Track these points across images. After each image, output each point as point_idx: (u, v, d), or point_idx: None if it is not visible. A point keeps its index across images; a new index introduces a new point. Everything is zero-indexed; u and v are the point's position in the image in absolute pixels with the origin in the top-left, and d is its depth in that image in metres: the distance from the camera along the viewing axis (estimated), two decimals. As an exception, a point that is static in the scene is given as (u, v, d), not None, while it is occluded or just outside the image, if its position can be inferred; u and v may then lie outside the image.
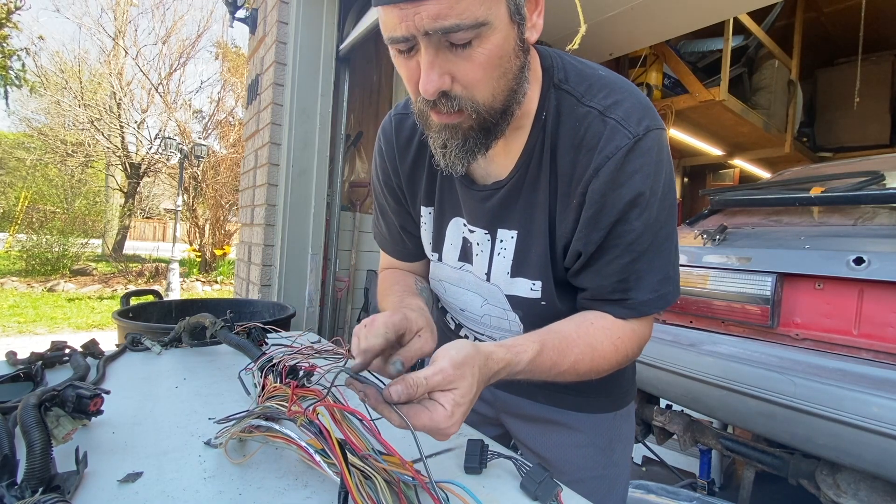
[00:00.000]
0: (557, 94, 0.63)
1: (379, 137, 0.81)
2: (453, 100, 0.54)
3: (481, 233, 0.71)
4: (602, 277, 0.64)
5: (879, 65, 4.62)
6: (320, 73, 2.62)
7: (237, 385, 0.79)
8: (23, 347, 0.88)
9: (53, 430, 0.52)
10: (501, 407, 0.87)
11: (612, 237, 0.61)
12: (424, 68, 0.52)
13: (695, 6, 2.37)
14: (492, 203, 0.68)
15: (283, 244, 2.57)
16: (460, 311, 0.82)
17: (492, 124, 0.58)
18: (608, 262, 0.63)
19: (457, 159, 0.59)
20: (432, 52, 0.51)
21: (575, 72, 0.64)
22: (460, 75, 0.53)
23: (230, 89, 12.61)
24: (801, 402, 1.27)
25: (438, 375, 0.47)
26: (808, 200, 1.57)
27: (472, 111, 0.55)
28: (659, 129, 0.60)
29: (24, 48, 8.29)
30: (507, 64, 0.55)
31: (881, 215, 1.43)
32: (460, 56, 0.51)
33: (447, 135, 0.58)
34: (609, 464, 0.80)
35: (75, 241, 9.29)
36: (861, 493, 1.29)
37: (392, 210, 0.83)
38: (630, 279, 0.63)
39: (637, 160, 0.59)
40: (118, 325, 1.63)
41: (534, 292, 0.69)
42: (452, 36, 0.49)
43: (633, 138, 0.58)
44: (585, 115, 0.61)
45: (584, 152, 0.61)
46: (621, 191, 0.59)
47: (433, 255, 0.80)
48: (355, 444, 0.47)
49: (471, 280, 0.75)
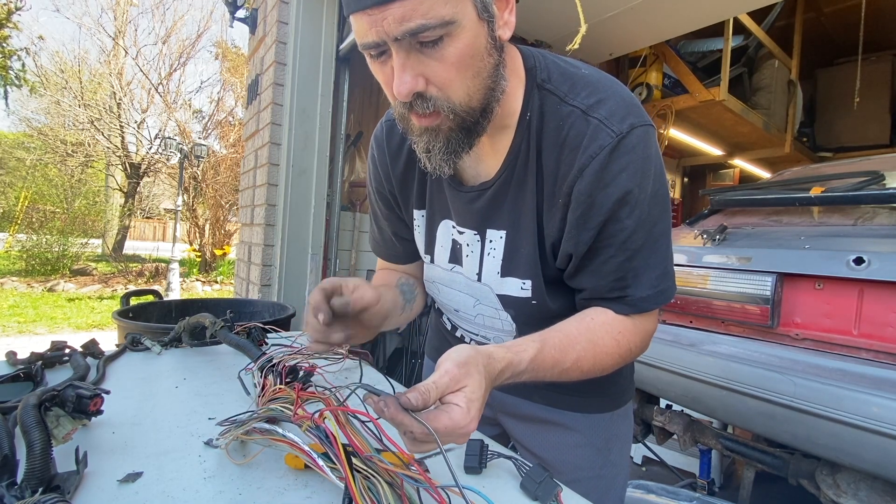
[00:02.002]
0: (541, 93, 0.64)
1: (371, 145, 0.82)
2: (428, 100, 0.54)
3: (470, 234, 0.72)
4: (599, 277, 0.64)
5: (879, 65, 4.63)
6: (320, 73, 2.62)
7: (237, 385, 0.79)
8: (23, 347, 0.87)
9: (53, 430, 0.52)
10: (499, 407, 0.87)
11: (605, 237, 0.61)
12: (397, 71, 0.52)
13: (695, 6, 2.37)
14: (480, 204, 0.69)
15: (283, 244, 2.57)
16: (454, 311, 0.82)
17: (472, 123, 0.58)
18: (603, 261, 0.63)
19: (442, 161, 0.60)
20: (403, 55, 0.52)
21: (558, 71, 0.64)
22: (432, 76, 0.53)
23: (230, 89, 12.62)
24: (801, 402, 1.27)
25: (446, 377, 0.47)
26: (808, 200, 1.57)
27: (449, 111, 0.55)
28: (644, 126, 0.60)
29: (24, 48, 8.33)
30: (479, 63, 0.55)
31: (881, 215, 1.43)
32: (432, 57, 0.52)
33: (429, 138, 0.58)
34: (606, 464, 0.80)
35: (75, 241, 9.29)
36: (861, 493, 1.29)
37: (384, 216, 0.85)
38: (627, 277, 0.63)
39: (622, 158, 0.58)
40: (118, 325, 1.63)
41: (524, 291, 0.69)
42: (421, 36, 0.50)
43: (616, 137, 0.58)
44: (568, 114, 0.61)
45: (568, 152, 0.61)
46: (608, 190, 0.59)
47: (426, 256, 0.81)
48: (359, 447, 0.47)
49: (461, 281, 0.76)
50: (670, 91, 3.89)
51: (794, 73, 4.38)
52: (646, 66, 3.83)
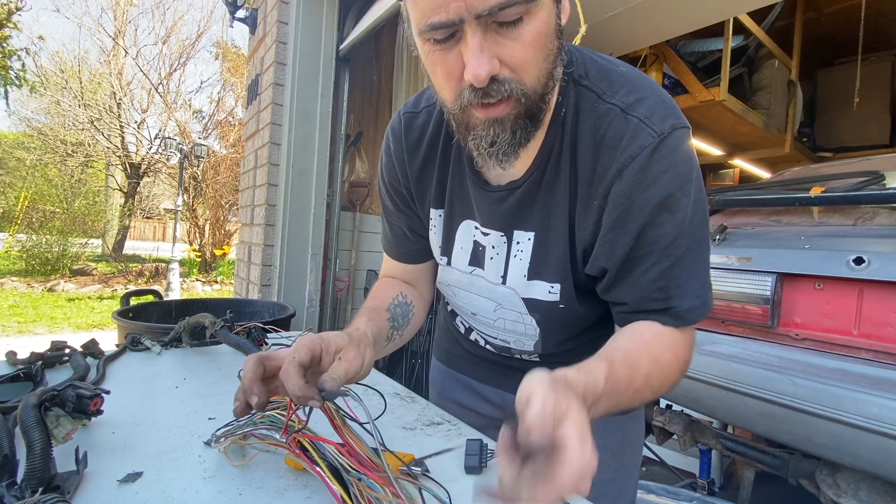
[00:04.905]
0: (577, 90, 0.60)
1: (387, 136, 0.77)
2: (503, 84, 0.50)
3: (496, 235, 0.68)
4: (640, 288, 0.59)
5: (879, 65, 4.62)
6: (320, 73, 2.62)
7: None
8: (23, 347, 0.87)
9: (53, 430, 0.52)
10: (510, 409, 0.86)
11: (645, 243, 0.57)
12: (474, 52, 0.47)
13: (695, 6, 2.37)
14: (508, 204, 0.65)
15: (283, 244, 2.57)
16: (471, 314, 0.79)
17: (536, 110, 0.54)
18: (644, 270, 0.58)
19: (509, 152, 0.55)
20: (480, 35, 0.47)
21: (595, 67, 0.61)
22: (508, 57, 0.49)
23: (230, 89, 12.64)
24: (801, 402, 1.27)
25: (548, 404, 0.38)
26: (808, 200, 1.57)
27: (521, 95, 0.51)
28: (684, 128, 0.57)
29: (24, 48, 8.30)
30: (550, 44, 0.51)
31: (881, 215, 1.43)
32: (508, 37, 0.48)
33: (496, 130, 0.54)
34: (619, 467, 0.79)
35: (75, 241, 9.29)
36: (861, 493, 1.29)
37: (396, 210, 0.80)
38: (670, 286, 0.58)
39: (663, 160, 0.55)
40: (118, 325, 1.63)
41: (552, 295, 0.66)
42: (502, 14, 0.46)
43: (657, 137, 0.55)
44: (606, 112, 0.58)
45: (605, 151, 0.57)
46: (648, 192, 0.55)
47: (442, 259, 0.77)
48: (357, 449, 0.47)
49: (482, 285, 0.72)
50: (670, 91, 3.88)
51: (794, 73, 4.38)
52: (646, 66, 3.82)
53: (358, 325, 0.65)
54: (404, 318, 0.78)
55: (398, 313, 0.76)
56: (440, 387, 0.95)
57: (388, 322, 0.74)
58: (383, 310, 0.74)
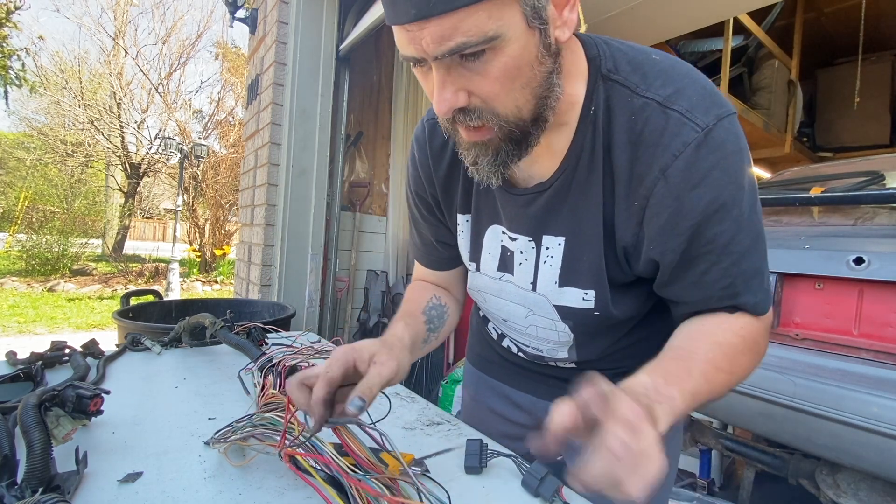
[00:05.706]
0: (607, 85, 0.57)
1: (412, 145, 0.76)
2: (472, 112, 0.51)
3: (524, 240, 0.66)
4: (703, 288, 0.57)
5: (879, 65, 4.62)
6: (320, 73, 2.62)
7: (237, 385, 0.79)
8: (23, 347, 0.87)
9: (53, 430, 0.52)
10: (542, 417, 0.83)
11: (702, 243, 0.54)
12: (437, 88, 0.49)
13: (695, 6, 2.37)
14: (535, 207, 0.63)
15: (283, 244, 2.57)
16: (503, 321, 0.77)
17: (522, 135, 0.53)
18: (705, 270, 0.56)
19: (490, 173, 0.55)
20: (443, 71, 0.48)
21: (625, 59, 0.57)
22: (476, 89, 0.49)
23: (230, 89, 12.64)
24: (801, 402, 1.27)
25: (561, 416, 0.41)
26: (808, 200, 1.57)
27: (495, 123, 0.51)
28: (730, 116, 0.54)
29: (24, 48, 8.28)
30: (528, 73, 0.50)
31: (881, 215, 1.43)
32: (474, 70, 0.48)
33: (477, 151, 0.54)
34: None
35: (75, 241, 9.29)
36: (861, 493, 1.29)
37: (423, 220, 0.80)
38: (737, 283, 0.56)
39: (712, 155, 0.52)
40: (118, 325, 1.63)
41: (586, 302, 0.63)
42: (461, 52, 0.46)
43: (702, 131, 0.51)
44: (643, 107, 0.54)
45: (644, 149, 0.54)
46: (698, 191, 0.52)
47: (471, 265, 0.75)
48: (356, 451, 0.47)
49: (512, 291, 0.70)
50: (670, 91, 3.88)
51: (794, 73, 4.38)
52: (646, 66, 3.82)
53: (395, 332, 0.65)
54: (440, 319, 0.78)
55: (433, 315, 0.77)
56: (474, 391, 0.93)
57: (425, 325, 0.75)
58: (419, 313, 0.75)
